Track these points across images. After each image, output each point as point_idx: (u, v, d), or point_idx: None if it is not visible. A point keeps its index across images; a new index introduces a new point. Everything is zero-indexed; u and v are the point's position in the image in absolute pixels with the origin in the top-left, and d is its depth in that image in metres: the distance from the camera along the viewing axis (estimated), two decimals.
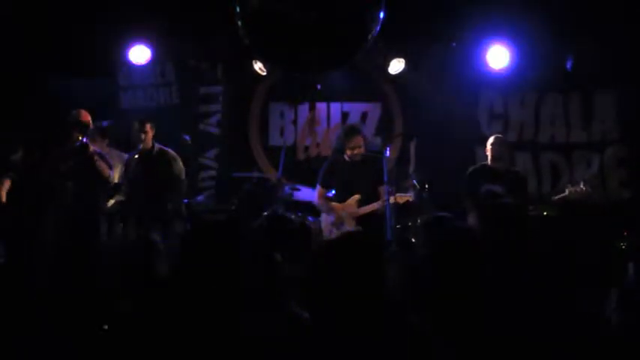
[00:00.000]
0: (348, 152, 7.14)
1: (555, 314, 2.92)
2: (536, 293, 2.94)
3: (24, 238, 6.46)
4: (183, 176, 7.44)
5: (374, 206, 7.04)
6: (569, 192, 7.29)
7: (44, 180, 6.83)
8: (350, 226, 7.09)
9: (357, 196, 7.11)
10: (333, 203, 7.26)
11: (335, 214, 7.22)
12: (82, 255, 3.60)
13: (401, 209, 7.15)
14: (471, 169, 7.58)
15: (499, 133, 8.84)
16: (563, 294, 3.40)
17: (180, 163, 7.42)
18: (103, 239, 6.71)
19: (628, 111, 8.87)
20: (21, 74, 8.30)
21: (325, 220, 7.38)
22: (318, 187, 7.38)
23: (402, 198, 7.09)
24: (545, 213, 7.65)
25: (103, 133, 7.69)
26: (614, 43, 8.29)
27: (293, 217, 4.85)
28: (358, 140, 7.12)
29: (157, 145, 7.39)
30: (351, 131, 7.30)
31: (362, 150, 7.11)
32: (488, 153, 7.50)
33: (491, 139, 7.57)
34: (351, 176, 7.12)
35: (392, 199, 6.84)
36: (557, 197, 7.45)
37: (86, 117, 7.01)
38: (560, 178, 9.05)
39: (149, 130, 7.31)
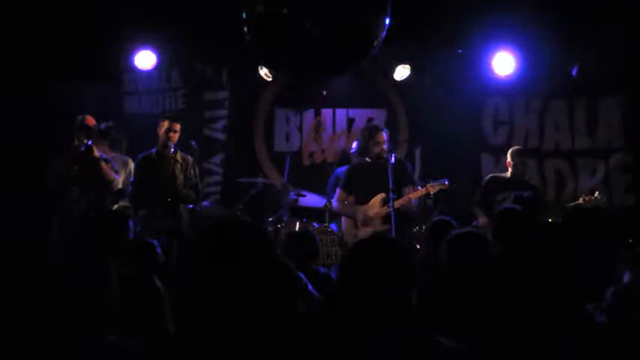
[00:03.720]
0: (376, 150, 7.09)
1: (563, 317, 2.94)
2: (546, 301, 2.95)
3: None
4: (199, 184, 7.36)
5: (409, 197, 7.01)
6: (583, 200, 7.29)
7: (50, 185, 6.83)
8: (376, 227, 7.00)
9: (381, 195, 7.00)
10: (357, 205, 7.19)
11: (360, 215, 7.15)
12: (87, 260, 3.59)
13: (406, 216, 7.11)
14: (492, 174, 7.61)
15: (504, 140, 8.90)
16: (569, 300, 3.41)
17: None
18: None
19: (633, 118, 8.87)
20: (25, 79, 8.32)
21: (345, 224, 7.33)
22: (339, 191, 7.32)
23: (435, 187, 7.05)
24: (550, 220, 7.64)
25: (103, 135, 7.66)
26: (619, 50, 8.30)
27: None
28: (382, 136, 7.12)
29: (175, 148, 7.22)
30: (374, 128, 7.32)
31: (386, 146, 7.06)
32: (510, 165, 7.45)
33: (512, 151, 7.53)
34: (375, 178, 6.99)
35: (424, 190, 6.95)
36: (569, 205, 7.46)
37: (91, 121, 6.98)
38: (565, 185, 9.04)
39: (179, 130, 7.16)
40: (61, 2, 7.90)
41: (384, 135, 7.12)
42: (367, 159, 7.19)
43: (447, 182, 7.03)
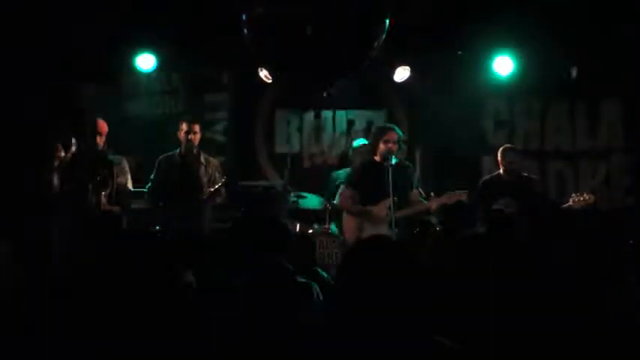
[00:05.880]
0: (382, 147, 6.98)
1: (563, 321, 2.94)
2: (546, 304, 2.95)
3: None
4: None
5: (408, 211, 6.95)
6: (574, 201, 7.27)
7: (57, 187, 6.80)
8: (383, 232, 6.80)
9: (389, 199, 6.78)
10: (364, 206, 7.11)
11: (367, 216, 7.08)
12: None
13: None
14: (483, 179, 7.57)
15: (504, 141, 8.88)
16: (569, 301, 3.40)
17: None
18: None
19: (634, 119, 8.87)
20: (25, 80, 8.31)
21: (347, 224, 7.27)
22: (345, 187, 7.27)
23: (452, 197, 6.84)
24: None
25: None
26: (620, 51, 8.30)
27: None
28: (393, 135, 7.04)
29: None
30: (385, 126, 7.36)
31: (396, 147, 7.00)
32: (500, 164, 7.44)
33: (503, 151, 7.50)
34: (381, 179, 6.80)
35: (442, 199, 6.81)
36: (561, 207, 7.44)
37: (104, 128, 7.01)
38: (566, 186, 9.04)
39: (198, 131, 7.23)
40: (61, 3, 7.90)
41: (395, 134, 7.07)
42: (376, 158, 7.08)
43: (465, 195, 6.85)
